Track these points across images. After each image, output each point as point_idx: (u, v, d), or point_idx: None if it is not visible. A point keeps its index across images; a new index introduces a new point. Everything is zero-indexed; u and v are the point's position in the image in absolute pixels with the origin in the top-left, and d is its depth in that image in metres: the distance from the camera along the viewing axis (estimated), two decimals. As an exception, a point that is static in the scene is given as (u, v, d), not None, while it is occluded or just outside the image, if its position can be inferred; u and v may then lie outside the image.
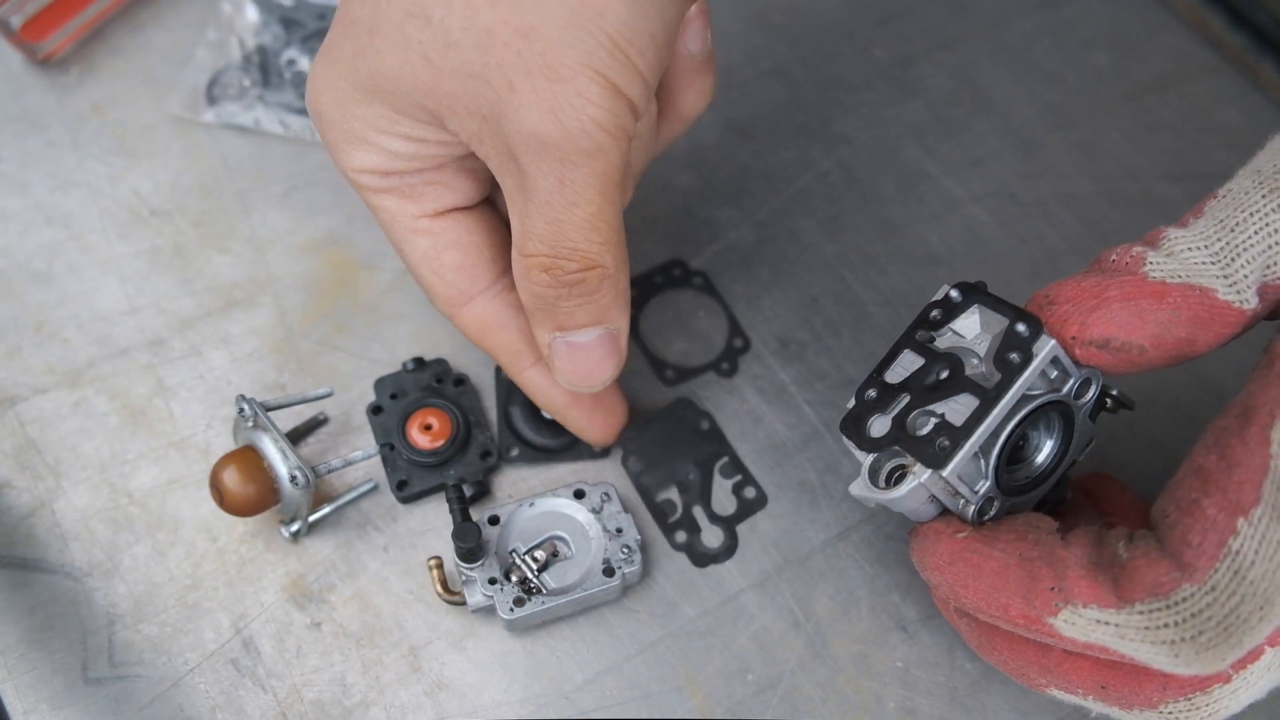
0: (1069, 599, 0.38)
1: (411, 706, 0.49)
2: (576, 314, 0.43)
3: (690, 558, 0.52)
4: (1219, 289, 0.39)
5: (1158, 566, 0.36)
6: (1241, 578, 0.35)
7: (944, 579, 0.41)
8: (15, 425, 0.53)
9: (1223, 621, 0.35)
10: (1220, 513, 0.35)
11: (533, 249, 0.40)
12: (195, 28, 0.63)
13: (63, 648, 0.49)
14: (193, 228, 0.59)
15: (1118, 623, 0.37)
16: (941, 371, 0.41)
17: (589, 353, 0.44)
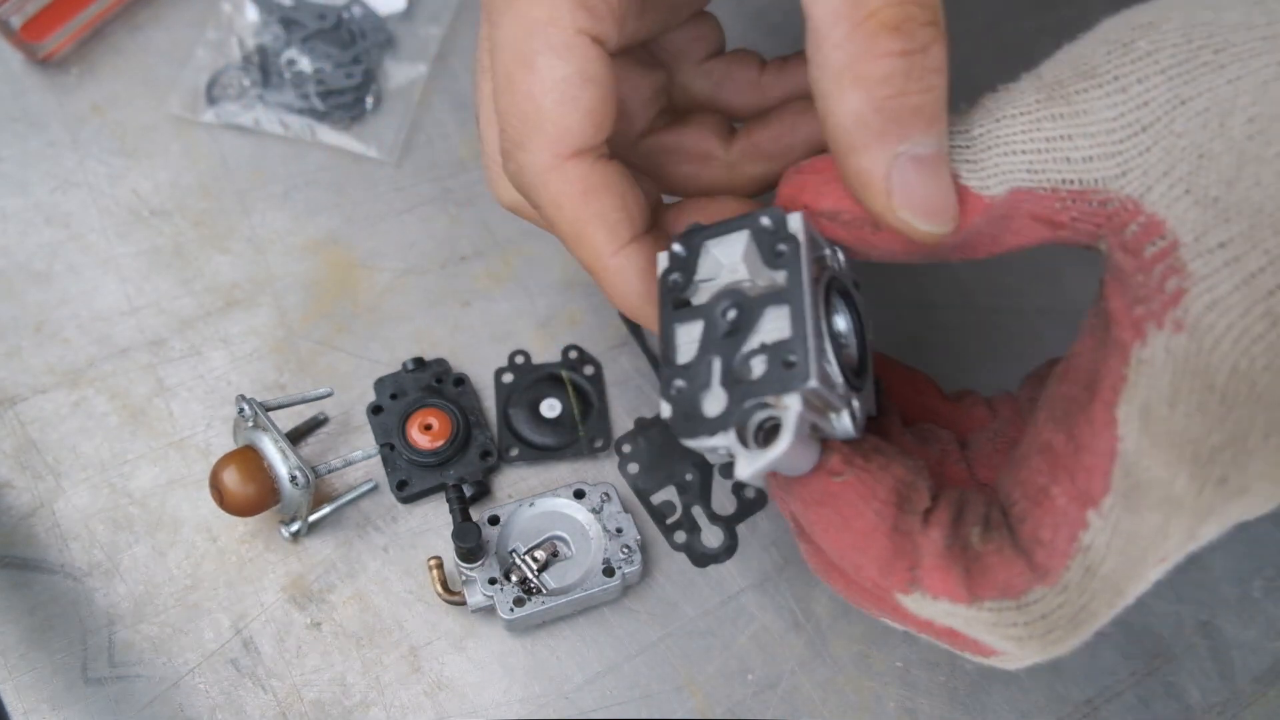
0: (917, 585, 0.35)
1: (411, 706, 0.49)
2: (925, 105, 0.33)
3: (690, 558, 0.52)
4: (962, 174, 0.35)
5: (1010, 566, 0.34)
6: (1093, 574, 0.34)
7: (807, 517, 0.37)
8: (15, 425, 0.53)
9: (1073, 619, 0.34)
10: (1070, 503, 0.33)
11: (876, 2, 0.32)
12: (195, 28, 0.63)
13: (63, 648, 0.49)
14: (193, 228, 0.59)
15: (966, 616, 0.35)
16: (727, 311, 0.37)
17: (938, 169, 0.33)
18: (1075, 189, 0.34)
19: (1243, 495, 0.33)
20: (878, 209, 0.34)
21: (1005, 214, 0.35)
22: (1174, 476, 0.32)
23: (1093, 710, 0.50)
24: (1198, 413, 0.31)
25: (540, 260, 0.58)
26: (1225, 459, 0.32)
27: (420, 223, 0.59)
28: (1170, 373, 0.31)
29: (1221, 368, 0.31)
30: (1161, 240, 0.32)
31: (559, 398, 0.55)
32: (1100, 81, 0.34)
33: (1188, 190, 0.32)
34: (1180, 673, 0.50)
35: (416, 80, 0.62)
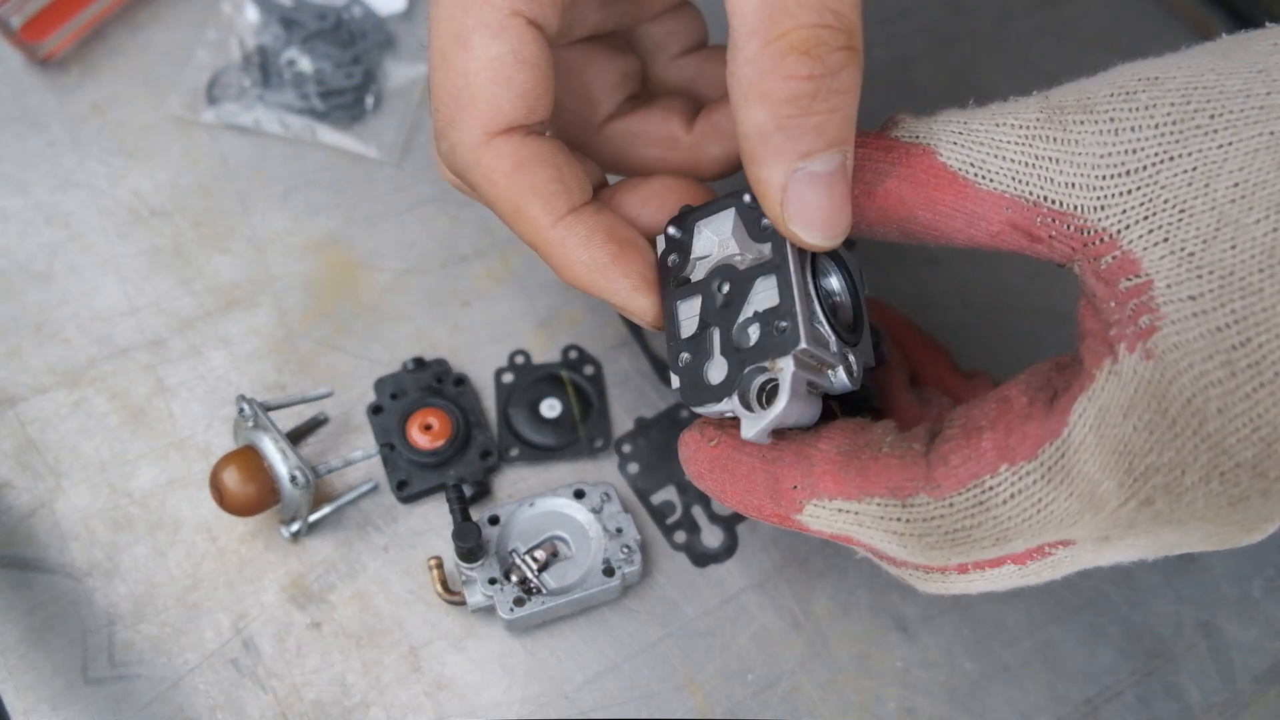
0: (814, 494, 0.38)
1: (411, 706, 0.49)
2: (828, 125, 0.34)
3: (690, 557, 0.52)
4: (943, 152, 0.38)
5: (906, 470, 0.37)
6: (985, 510, 0.36)
7: (707, 485, 0.41)
8: (15, 425, 0.53)
9: (951, 534, 0.36)
10: (992, 450, 0.36)
11: (789, 23, 0.33)
12: (195, 28, 0.63)
13: (63, 648, 0.49)
14: (193, 228, 0.59)
15: (857, 511, 0.38)
16: (721, 285, 0.39)
17: (832, 187, 0.35)
18: (1055, 209, 0.36)
19: (1174, 525, 0.34)
20: (772, 217, 0.36)
21: (983, 211, 0.37)
22: (1103, 478, 0.34)
23: (1093, 710, 0.50)
24: (1145, 429, 0.33)
25: (540, 260, 0.58)
26: (1157, 482, 0.33)
27: (420, 223, 0.59)
28: (1133, 389, 0.34)
29: (1178, 398, 0.33)
30: (1136, 278, 0.34)
31: (559, 398, 0.55)
32: (1097, 119, 0.36)
33: (1166, 239, 0.34)
34: (1180, 673, 0.50)
35: (416, 80, 0.62)
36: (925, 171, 0.38)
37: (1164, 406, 0.33)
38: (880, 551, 0.40)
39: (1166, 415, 0.33)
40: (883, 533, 0.38)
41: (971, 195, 0.37)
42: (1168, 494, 0.34)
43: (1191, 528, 0.35)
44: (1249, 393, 0.32)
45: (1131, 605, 0.52)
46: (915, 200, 0.38)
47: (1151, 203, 0.34)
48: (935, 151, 0.38)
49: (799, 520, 0.39)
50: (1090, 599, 0.52)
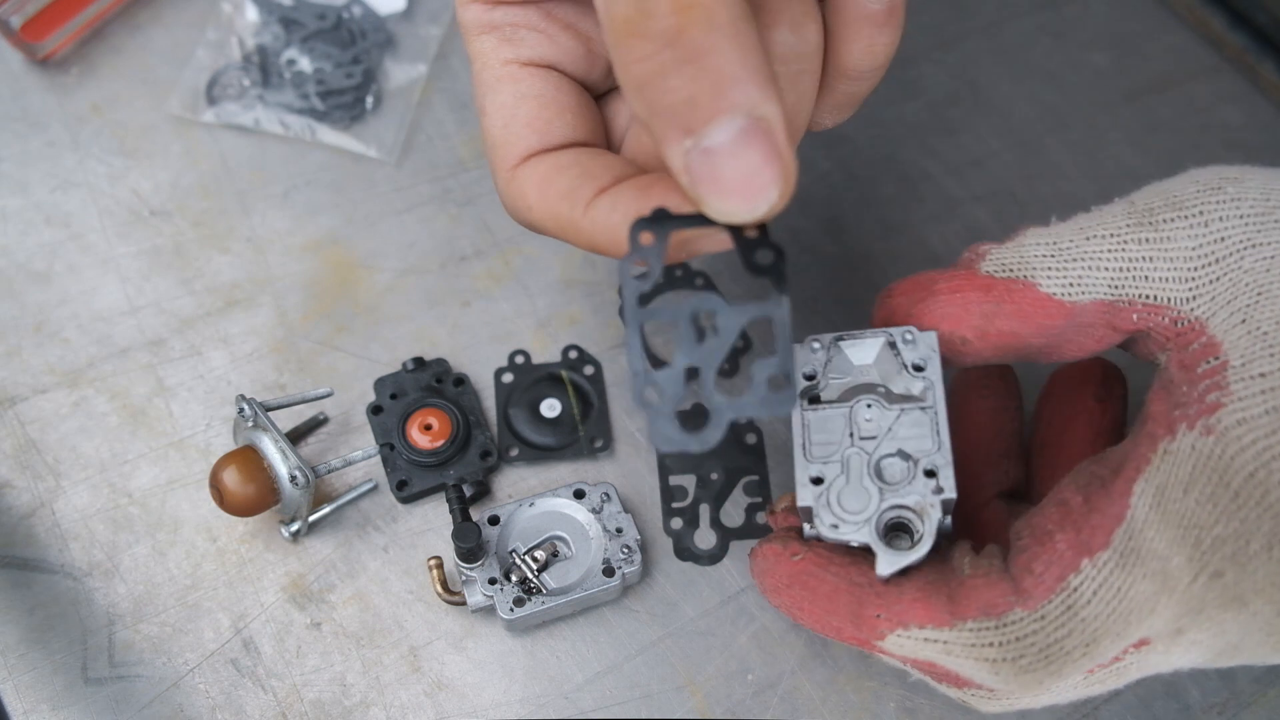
0: (900, 623, 0.39)
1: (411, 706, 0.49)
2: (699, 96, 0.31)
3: (675, 547, 0.52)
4: (1043, 282, 0.40)
5: (995, 588, 0.38)
6: (1074, 614, 0.37)
7: (781, 600, 0.42)
8: (15, 425, 0.53)
9: (1045, 650, 0.37)
10: (1069, 549, 0.37)
11: (619, 8, 0.32)
12: (195, 28, 0.63)
13: (63, 648, 0.49)
14: (193, 228, 0.59)
15: (946, 640, 0.38)
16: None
17: (735, 156, 0.32)
18: (1151, 304, 0.38)
19: (1239, 606, 0.35)
20: (693, 200, 0.34)
21: (1088, 321, 0.40)
22: (1172, 553, 0.35)
23: (1092, 710, 0.50)
24: (1209, 502, 0.35)
25: (540, 260, 0.58)
26: (1225, 552, 0.35)
27: (420, 223, 0.59)
28: (1192, 465, 0.35)
29: (1240, 471, 0.35)
30: (1215, 360, 0.37)
31: (559, 398, 0.55)
32: (1187, 214, 0.38)
33: (1244, 320, 0.37)
34: (1180, 673, 0.50)
35: (416, 80, 0.62)
36: (1031, 304, 0.40)
37: (1226, 480, 0.35)
38: (961, 678, 0.39)
39: (1229, 488, 0.35)
40: (973, 661, 0.38)
41: (1077, 312, 0.40)
42: (1234, 564, 0.35)
43: (1252, 607, 0.35)
44: None
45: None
46: (1027, 332, 0.40)
47: (1235, 286, 0.37)
48: (1035, 284, 0.40)
49: (881, 647, 0.39)
50: (1090, 599, 0.52)
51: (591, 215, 0.38)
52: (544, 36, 0.41)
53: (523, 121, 0.40)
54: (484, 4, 0.41)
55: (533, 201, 0.40)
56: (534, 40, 0.41)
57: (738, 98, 0.31)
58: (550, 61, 0.42)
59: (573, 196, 0.39)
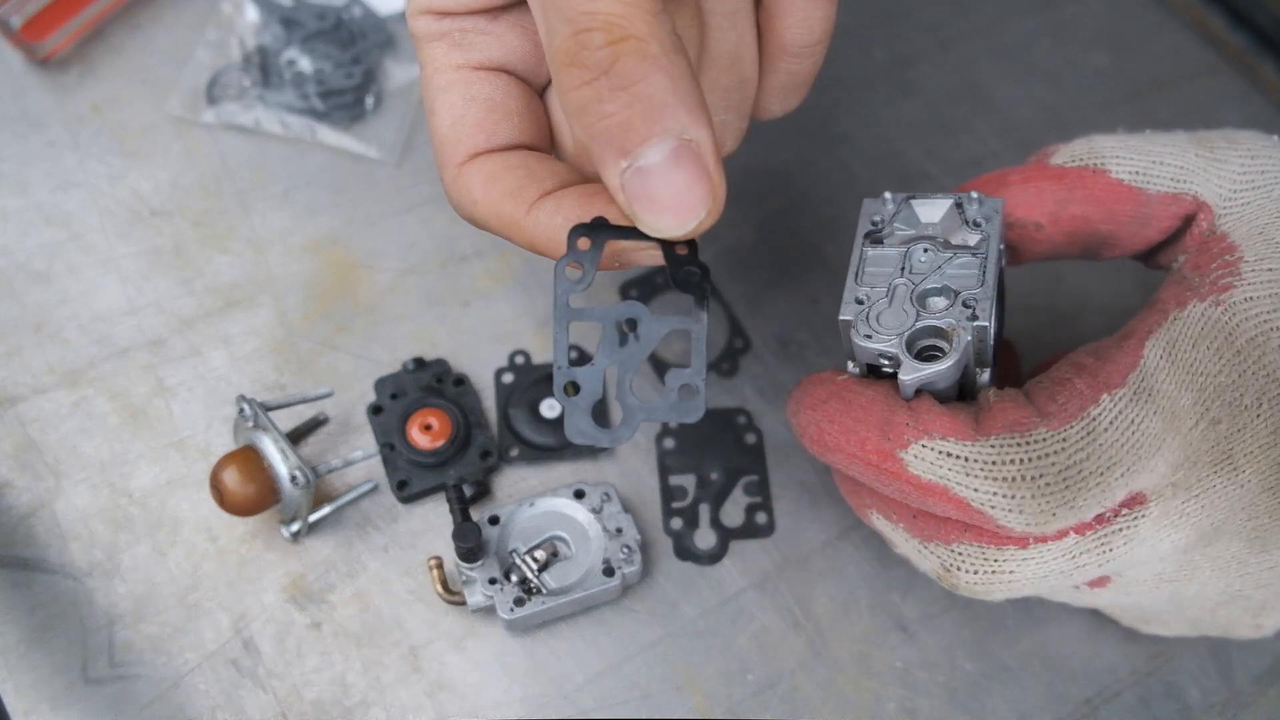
0: (925, 432, 0.40)
1: (411, 706, 0.49)
2: (632, 120, 0.34)
3: (675, 548, 0.52)
4: (1114, 169, 0.44)
5: (1021, 410, 0.40)
6: (1093, 439, 0.39)
7: (815, 416, 0.43)
8: (15, 425, 0.53)
9: (1064, 471, 0.39)
10: (1088, 388, 0.40)
11: (556, 40, 0.35)
12: (195, 28, 0.63)
13: (63, 648, 0.49)
14: (193, 228, 0.59)
15: (967, 455, 0.40)
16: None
17: (666, 177, 0.35)
18: (1203, 201, 0.43)
19: (1229, 468, 0.40)
20: (629, 215, 0.36)
21: (1152, 212, 0.44)
22: (1180, 393, 0.40)
23: (1092, 710, 0.50)
24: (1214, 355, 0.40)
25: (540, 260, 0.58)
26: (1224, 400, 0.40)
27: (420, 223, 0.59)
28: (1200, 326, 0.40)
29: (1243, 334, 0.40)
30: (1231, 256, 0.42)
31: (559, 398, 0.55)
32: (1238, 148, 0.44)
33: (1261, 233, 0.42)
34: (1180, 673, 0.50)
35: (416, 80, 0.62)
36: (1103, 190, 0.44)
37: (1230, 340, 0.40)
38: (970, 506, 0.40)
39: (1232, 346, 0.40)
40: (992, 480, 0.39)
41: (1144, 200, 0.43)
42: (1230, 412, 0.39)
43: (1240, 468, 0.40)
44: None
45: (1131, 605, 0.52)
46: (1098, 216, 0.44)
47: (1263, 210, 0.42)
48: (1106, 170, 0.44)
49: (901, 459, 0.40)
50: (1090, 599, 0.52)
51: (535, 216, 0.40)
52: (492, 39, 0.42)
53: (471, 122, 0.42)
54: (434, 15, 0.42)
55: (478, 197, 0.41)
56: (483, 43, 0.42)
57: (668, 122, 0.34)
58: (499, 63, 0.43)
59: (517, 196, 0.40)
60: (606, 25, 0.34)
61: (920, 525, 0.43)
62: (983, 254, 0.42)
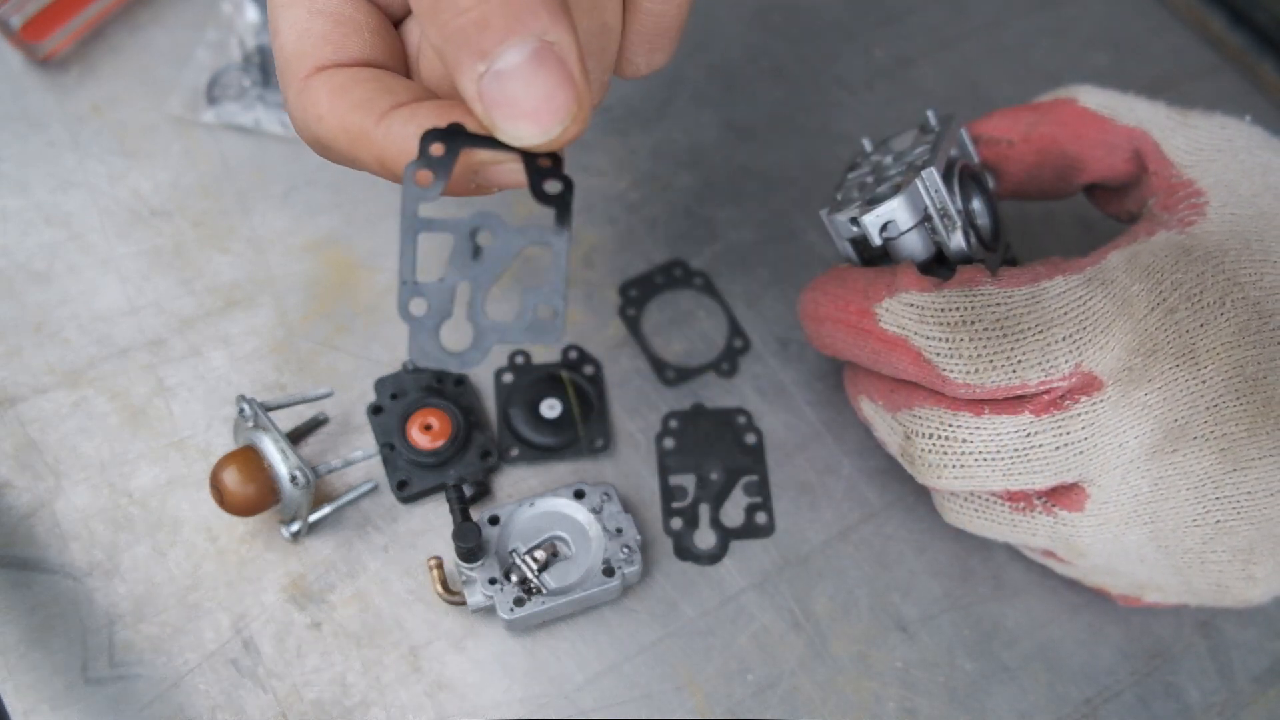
0: (895, 290, 0.45)
1: (411, 706, 0.49)
2: (490, 18, 0.32)
3: (675, 547, 0.52)
4: (1082, 98, 0.49)
5: (978, 274, 0.44)
6: (1037, 301, 0.43)
7: (814, 294, 0.49)
8: (15, 425, 0.53)
9: (1003, 320, 0.43)
10: (1045, 270, 0.44)
11: None
12: (195, 28, 0.63)
13: (63, 648, 0.49)
14: (193, 228, 0.59)
15: (923, 304, 0.44)
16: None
17: (527, 79, 0.33)
18: (1164, 159, 0.47)
19: (1190, 362, 0.42)
20: (487, 125, 0.34)
21: (1117, 142, 0.48)
22: (1134, 284, 0.43)
23: (1092, 710, 0.50)
24: (1172, 260, 0.43)
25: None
26: (1181, 293, 0.43)
27: (420, 223, 0.59)
28: (1164, 242, 0.44)
29: (1201, 248, 0.43)
30: (1199, 199, 0.45)
31: (559, 398, 0.55)
32: (1211, 121, 0.48)
33: (1228, 185, 0.45)
34: (1180, 673, 0.50)
35: (416, 80, 0.62)
36: (1070, 114, 0.49)
37: (1189, 251, 0.43)
38: (921, 357, 0.44)
39: (1191, 255, 0.43)
40: (937, 326, 0.43)
41: (1109, 129, 0.48)
42: (1189, 303, 0.42)
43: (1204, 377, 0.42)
44: (1260, 259, 0.43)
45: (1131, 607, 0.52)
46: (1064, 136, 0.49)
47: (1229, 168, 0.46)
48: (1075, 99, 0.49)
49: (875, 314, 0.45)
50: (1090, 599, 0.52)
51: (386, 126, 0.37)
52: None
53: (318, 34, 0.39)
54: None
55: (324, 111, 0.38)
56: None
57: (529, 22, 0.32)
58: None
59: (367, 107, 0.37)
60: None
61: (892, 396, 0.46)
62: (931, 138, 0.48)
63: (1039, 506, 0.45)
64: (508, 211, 0.59)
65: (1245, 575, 0.45)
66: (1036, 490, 0.45)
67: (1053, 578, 0.52)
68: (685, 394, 0.56)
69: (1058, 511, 0.45)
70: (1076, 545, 0.46)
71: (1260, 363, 0.42)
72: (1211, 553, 0.44)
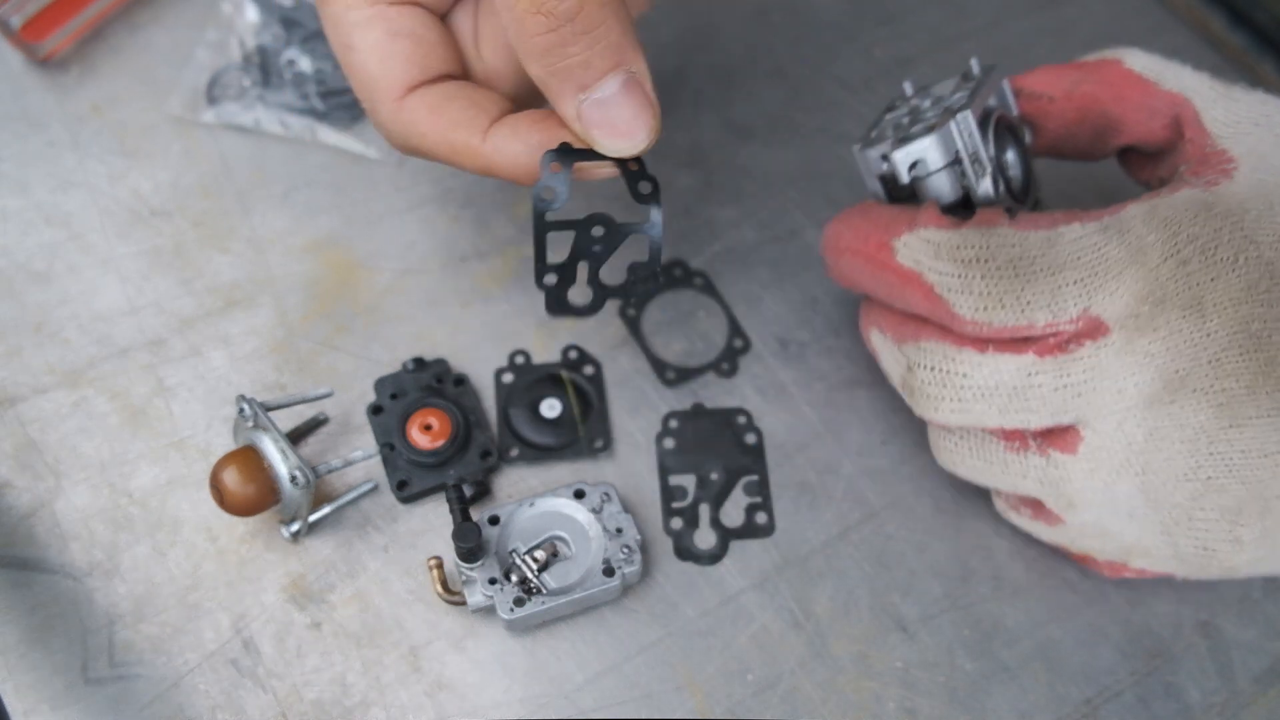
0: (915, 225, 0.45)
1: (411, 706, 0.49)
2: (592, 60, 0.40)
3: (675, 547, 0.52)
4: (1127, 60, 0.49)
5: (997, 216, 0.45)
6: (1052, 245, 0.43)
7: (838, 226, 0.49)
8: (15, 425, 0.53)
9: (1016, 261, 0.43)
10: (1064, 217, 0.45)
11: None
12: (195, 28, 0.63)
13: (63, 648, 0.49)
14: (193, 228, 0.59)
15: (940, 241, 0.44)
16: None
17: (620, 104, 0.41)
18: (1201, 127, 0.47)
19: (1197, 314, 0.42)
20: (586, 140, 0.43)
21: (1161, 107, 0.48)
22: (1149, 234, 0.43)
23: (1092, 710, 0.50)
24: (1190, 214, 0.43)
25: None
26: (1196, 246, 0.43)
27: (420, 223, 0.59)
28: (1185, 198, 0.44)
29: (1223, 205, 0.44)
30: (1229, 165, 0.45)
31: (559, 398, 0.55)
32: (1255, 95, 0.48)
33: (1259, 153, 0.46)
34: (1180, 673, 0.51)
35: (416, 80, 0.62)
36: (1115, 75, 0.49)
37: (1210, 206, 0.43)
38: (933, 293, 0.44)
39: (1212, 211, 0.43)
40: (952, 263, 0.44)
41: (1152, 93, 0.48)
42: (1202, 256, 0.43)
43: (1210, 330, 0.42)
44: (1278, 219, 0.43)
45: (1131, 605, 0.52)
46: (1106, 97, 0.49)
47: (1263, 140, 0.46)
48: (1121, 60, 0.49)
49: (892, 248, 0.46)
50: (1090, 599, 0.52)
51: (492, 143, 0.44)
52: None
53: (402, 55, 0.44)
54: None
55: (424, 130, 0.45)
56: None
57: (621, 59, 0.40)
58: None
59: (469, 125, 0.44)
60: None
61: (900, 329, 0.47)
62: (971, 85, 0.48)
63: (1033, 447, 0.45)
64: (508, 211, 0.59)
65: (1232, 538, 0.45)
66: (1032, 430, 0.45)
67: (1053, 577, 0.52)
68: (685, 394, 0.56)
69: (1051, 453, 0.45)
70: (1066, 493, 0.46)
71: (1266, 321, 0.42)
72: (1200, 510, 0.44)
